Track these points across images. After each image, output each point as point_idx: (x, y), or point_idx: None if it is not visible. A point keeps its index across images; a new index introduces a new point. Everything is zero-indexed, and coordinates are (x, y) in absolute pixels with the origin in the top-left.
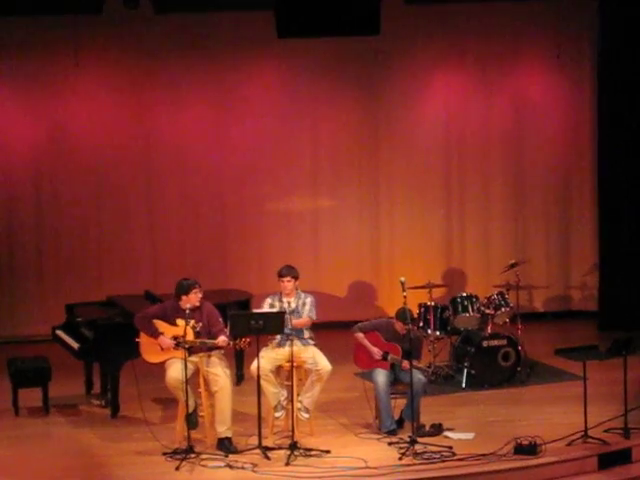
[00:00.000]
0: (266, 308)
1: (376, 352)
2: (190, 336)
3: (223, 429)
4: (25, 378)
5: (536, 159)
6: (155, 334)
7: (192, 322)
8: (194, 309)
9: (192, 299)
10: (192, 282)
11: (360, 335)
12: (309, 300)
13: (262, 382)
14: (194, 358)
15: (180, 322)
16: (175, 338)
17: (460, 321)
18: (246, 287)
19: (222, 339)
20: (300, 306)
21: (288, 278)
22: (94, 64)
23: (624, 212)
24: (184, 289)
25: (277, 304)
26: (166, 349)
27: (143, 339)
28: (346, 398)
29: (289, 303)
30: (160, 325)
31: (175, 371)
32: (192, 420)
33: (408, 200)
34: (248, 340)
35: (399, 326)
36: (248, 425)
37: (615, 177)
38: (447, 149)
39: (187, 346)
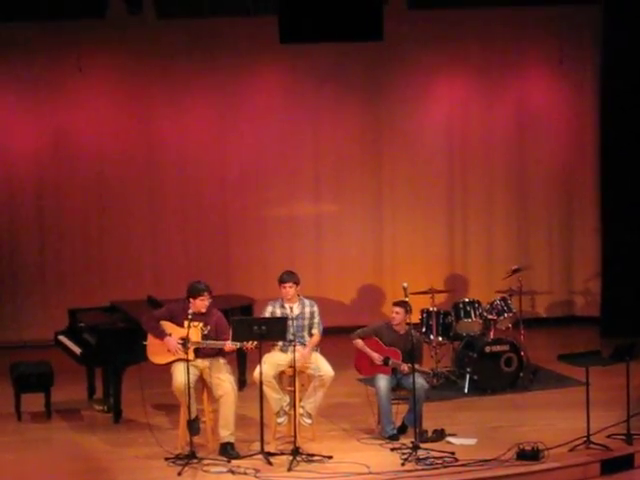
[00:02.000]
0: (267, 315)
1: (377, 357)
2: (196, 337)
3: (226, 434)
4: (28, 383)
5: (539, 165)
6: (162, 335)
7: (200, 325)
8: (203, 314)
9: (198, 304)
10: (203, 287)
11: (360, 342)
12: (316, 311)
13: (264, 388)
14: (198, 363)
15: (187, 324)
16: (182, 339)
17: (462, 327)
18: (249, 292)
19: (229, 343)
20: (307, 315)
21: (290, 284)
22: (97, 69)
23: (627, 218)
24: (193, 293)
25: (278, 311)
26: (172, 350)
27: (150, 340)
28: (349, 403)
29: (291, 309)
30: (168, 326)
31: (182, 376)
32: (194, 427)
33: (411, 206)
34: (255, 343)
35: (395, 311)
36: (250, 431)
37: (618, 183)
38: (450, 154)
39: (193, 347)
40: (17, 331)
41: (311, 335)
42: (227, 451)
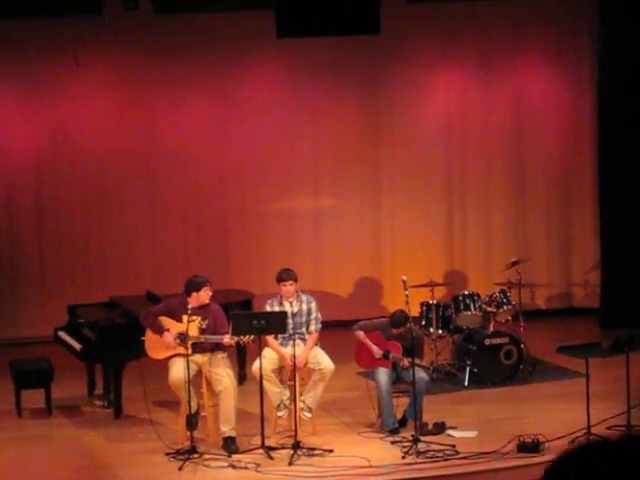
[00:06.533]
0: None
1: (376, 351)
2: (194, 332)
3: (227, 429)
4: (28, 379)
5: (537, 156)
6: (160, 331)
7: (198, 319)
8: (201, 307)
9: (202, 297)
10: (204, 280)
11: (361, 333)
12: (313, 307)
13: (264, 382)
14: (197, 358)
15: (186, 318)
16: (180, 334)
17: (462, 319)
18: (248, 287)
19: (228, 336)
20: (304, 311)
21: (290, 282)
22: (94, 64)
23: (626, 209)
24: (195, 286)
25: (277, 309)
26: (169, 346)
27: (148, 336)
28: (349, 397)
29: (291, 303)
30: (166, 322)
31: (178, 371)
32: (192, 422)
33: (409, 199)
34: (252, 337)
35: (395, 331)
36: (251, 425)
37: (616, 174)
38: (448, 147)
39: (190, 342)
40: (17, 327)
41: (310, 332)
42: (228, 445)
